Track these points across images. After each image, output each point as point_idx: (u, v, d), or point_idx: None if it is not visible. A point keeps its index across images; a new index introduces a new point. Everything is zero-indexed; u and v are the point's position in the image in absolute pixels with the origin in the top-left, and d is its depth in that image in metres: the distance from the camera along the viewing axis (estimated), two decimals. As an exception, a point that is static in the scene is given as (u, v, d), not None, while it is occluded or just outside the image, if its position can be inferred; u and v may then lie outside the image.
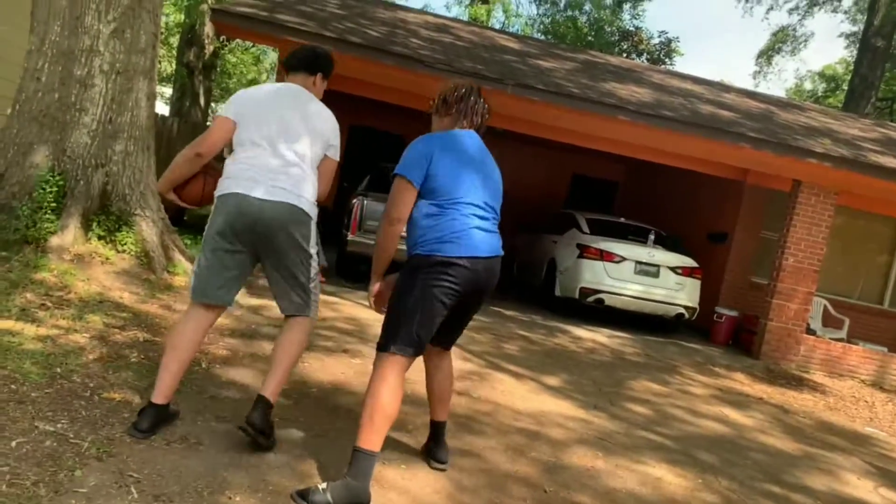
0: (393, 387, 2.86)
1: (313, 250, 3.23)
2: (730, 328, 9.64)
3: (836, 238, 10.12)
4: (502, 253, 3.12)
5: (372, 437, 2.83)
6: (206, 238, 3.16)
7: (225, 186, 3.13)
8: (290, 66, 3.37)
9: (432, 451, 3.45)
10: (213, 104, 21.60)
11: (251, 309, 5.99)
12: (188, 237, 7.15)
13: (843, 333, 10.05)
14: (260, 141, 3.12)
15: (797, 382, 7.92)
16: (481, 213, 3.02)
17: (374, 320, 6.46)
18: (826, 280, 10.07)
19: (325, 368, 4.69)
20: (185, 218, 11.08)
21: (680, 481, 3.96)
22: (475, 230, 2.96)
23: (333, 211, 11.67)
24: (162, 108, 19.79)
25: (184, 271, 5.85)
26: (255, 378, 4.18)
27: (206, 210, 3.33)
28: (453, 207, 2.95)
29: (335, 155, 3.33)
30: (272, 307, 6.23)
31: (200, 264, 3.21)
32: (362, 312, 6.71)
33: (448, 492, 3.20)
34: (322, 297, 7.05)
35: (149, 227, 5.76)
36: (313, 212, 3.21)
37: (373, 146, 13.04)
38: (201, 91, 16.25)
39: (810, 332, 9.45)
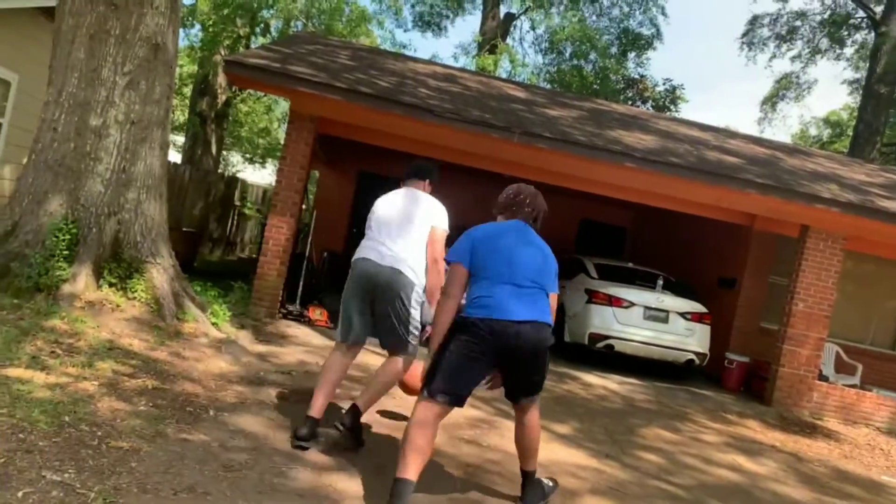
0: (421, 425, 3.35)
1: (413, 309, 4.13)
2: (741, 374, 9.53)
3: (845, 283, 10.07)
4: (532, 318, 3.44)
5: (404, 467, 3.25)
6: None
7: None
8: (406, 175, 4.68)
9: (522, 495, 3.80)
10: (224, 152, 21.93)
11: (259, 356, 5.99)
12: (198, 284, 7.19)
13: (856, 380, 9.92)
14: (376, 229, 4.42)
15: (811, 430, 7.79)
16: (517, 282, 3.48)
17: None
18: (837, 325, 9.97)
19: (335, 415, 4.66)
20: (195, 265, 11.16)
21: (694, 532, 3.88)
22: (499, 297, 3.44)
23: (343, 256, 11.73)
24: (174, 156, 20.09)
25: (193, 318, 5.87)
26: (263, 426, 4.16)
27: (215, 256, 3.44)
28: (487, 281, 3.50)
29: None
30: (280, 353, 6.24)
31: (341, 316, 4.30)
32: (369, 359, 6.68)
33: (457, 543, 3.15)
34: (331, 343, 7.04)
35: (160, 274, 5.80)
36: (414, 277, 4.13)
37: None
38: (213, 139, 16.51)
39: (823, 378, 9.33)
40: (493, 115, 8.38)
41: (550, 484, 3.91)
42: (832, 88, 57.44)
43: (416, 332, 4.14)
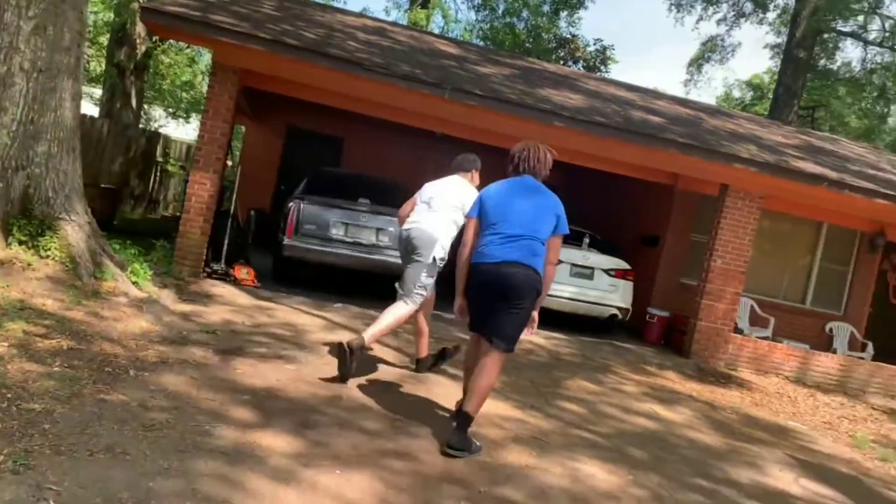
0: (468, 351, 4.42)
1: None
2: (661, 328, 9.90)
3: (761, 241, 10.51)
4: (513, 259, 3.93)
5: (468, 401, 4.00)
6: None
7: None
8: (452, 168, 5.51)
9: (449, 436, 3.92)
10: (145, 105, 21.02)
11: (182, 315, 5.85)
12: (117, 242, 6.94)
13: (768, 332, 10.44)
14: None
15: (725, 380, 8.19)
16: (511, 232, 3.99)
17: (311, 326, 6.40)
18: (752, 281, 10.43)
19: (259, 374, 4.62)
20: (114, 223, 10.76)
21: (612, 478, 4.05)
22: (491, 245, 4.00)
23: (270, 214, 11.51)
24: (91, 109, 19.12)
25: (112, 277, 5.67)
26: (186, 385, 4.08)
27: (136, 214, 3.30)
28: (490, 231, 4.07)
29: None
30: (204, 313, 6.12)
31: None
32: (298, 318, 6.63)
33: (382, 495, 3.20)
34: (259, 303, 6.95)
35: (75, 232, 5.57)
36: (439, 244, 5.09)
37: (312, 149, 12.91)
38: (133, 92, 15.77)
39: (738, 331, 9.78)
40: (423, 70, 8.29)
41: (478, 445, 3.99)
42: (755, 52, 59.07)
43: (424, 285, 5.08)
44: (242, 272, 7.90)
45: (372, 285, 9.14)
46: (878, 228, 10.65)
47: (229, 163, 11.92)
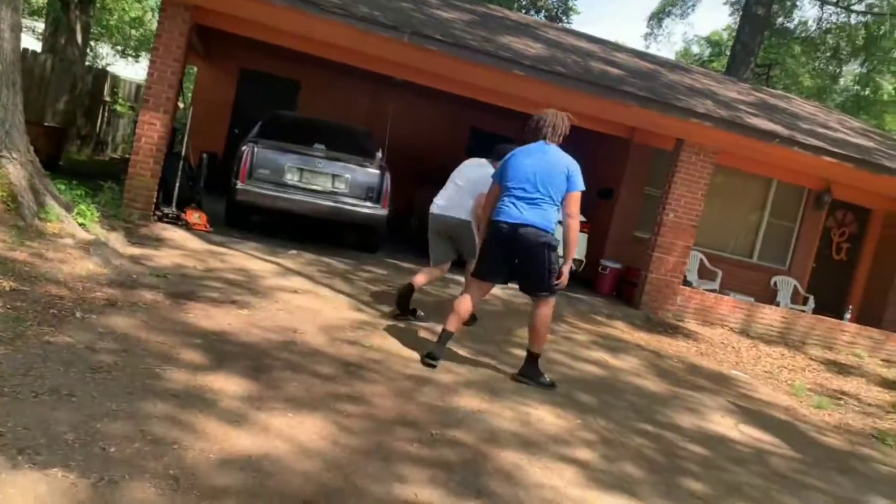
0: (467, 295, 4.82)
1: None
2: (613, 280, 10.08)
3: (713, 196, 10.69)
4: (524, 221, 4.47)
5: (448, 322, 4.72)
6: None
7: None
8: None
9: (521, 369, 4.81)
10: (91, 42, 20.15)
11: (132, 259, 5.73)
12: (63, 182, 6.71)
13: (716, 285, 10.73)
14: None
15: (673, 330, 8.41)
16: (521, 194, 4.52)
17: (264, 272, 6.33)
18: (703, 235, 10.65)
19: (211, 318, 4.57)
20: (60, 163, 10.41)
21: (561, 422, 4.15)
22: (506, 206, 4.54)
23: (224, 158, 11.26)
24: (33, 44, 18.25)
25: (56, 217, 5.50)
26: (135, 327, 4.02)
27: (83, 155, 3.19)
28: (505, 192, 4.60)
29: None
30: (155, 256, 6.00)
31: None
32: (251, 263, 6.56)
33: (335, 437, 3.22)
34: (211, 247, 6.85)
35: (16, 170, 5.36)
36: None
37: (267, 92, 12.58)
38: (78, 27, 15.06)
39: (687, 283, 10.02)
40: (382, 13, 8.09)
41: (547, 379, 4.73)
42: (716, 8, 59.14)
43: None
44: (194, 216, 7.74)
45: (327, 232, 9.07)
46: (824, 186, 10.93)
47: (181, 104, 11.57)
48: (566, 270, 4.61)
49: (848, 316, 10.79)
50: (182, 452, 2.74)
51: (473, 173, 5.78)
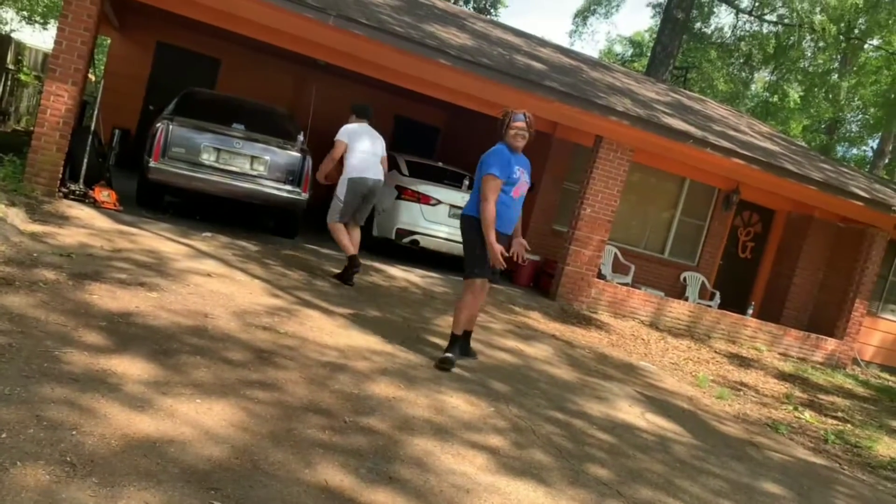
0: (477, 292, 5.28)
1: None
2: (531, 271, 10.26)
3: (629, 193, 11.02)
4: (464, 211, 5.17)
5: (456, 325, 5.17)
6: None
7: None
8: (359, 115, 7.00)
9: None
10: (14, 12, 18.90)
11: (33, 236, 5.44)
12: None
13: (628, 279, 11.08)
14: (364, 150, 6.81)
15: (586, 322, 8.64)
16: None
17: (176, 254, 6.13)
18: (618, 230, 10.98)
19: (117, 300, 4.39)
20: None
21: (474, 409, 4.21)
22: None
23: (136, 135, 10.81)
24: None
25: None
26: (34, 308, 3.82)
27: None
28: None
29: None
30: (58, 234, 5.72)
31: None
32: (163, 245, 6.33)
33: (244, 424, 3.16)
34: (120, 227, 6.58)
35: None
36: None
37: (185, 68, 12.14)
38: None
39: (601, 276, 10.31)
40: (307, -6, 7.92)
41: (448, 357, 4.95)
42: (638, 10, 60.84)
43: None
44: (103, 194, 7.41)
45: (244, 215, 8.85)
46: (733, 187, 11.45)
47: (92, 77, 11.01)
48: (490, 250, 4.82)
49: (751, 311, 11.37)
50: (81, 438, 2.63)
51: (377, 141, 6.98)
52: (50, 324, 3.68)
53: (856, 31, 22.07)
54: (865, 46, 23.18)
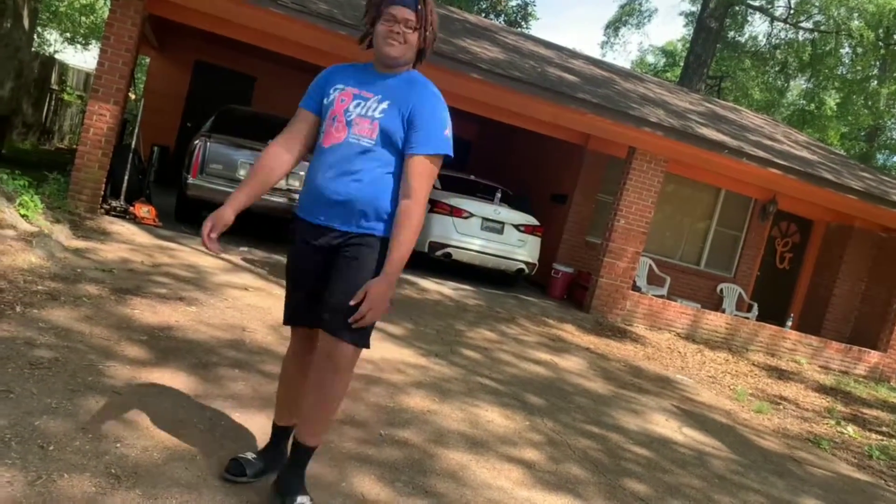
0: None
1: None
2: (565, 284, 10.22)
3: (664, 203, 10.94)
4: None
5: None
6: None
7: None
8: None
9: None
10: (39, 28, 19.52)
11: (76, 252, 5.59)
12: (5, 172, 6.50)
13: (664, 291, 10.96)
14: None
15: (621, 334, 8.57)
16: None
17: (214, 268, 6.24)
18: (652, 242, 10.89)
19: (157, 314, 4.49)
20: (2, 151, 10.09)
21: (509, 423, 4.20)
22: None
23: (175, 152, 11.06)
24: (-23, 28, 17.57)
25: (-3, 208, 5.33)
26: (78, 322, 3.92)
27: (28, 144, 3.08)
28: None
29: None
30: (100, 250, 5.86)
31: None
32: (200, 260, 6.45)
33: (282, 436, 3.19)
34: (159, 242, 6.72)
35: (-45, 158, 5.17)
36: None
37: (221, 86, 12.39)
38: (25, 12, 14.59)
39: (636, 288, 10.22)
40: (341, 10, 8.05)
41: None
42: (671, 19, 60.45)
43: None
44: (143, 210, 7.58)
45: (279, 230, 8.98)
46: (770, 197, 11.28)
47: (132, 95, 11.31)
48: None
49: (789, 323, 11.16)
50: (125, 450, 2.69)
51: None
52: (94, 337, 3.78)
53: (895, 36, 21.64)
54: (905, 52, 22.71)
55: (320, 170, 2.53)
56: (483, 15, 22.38)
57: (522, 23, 23.79)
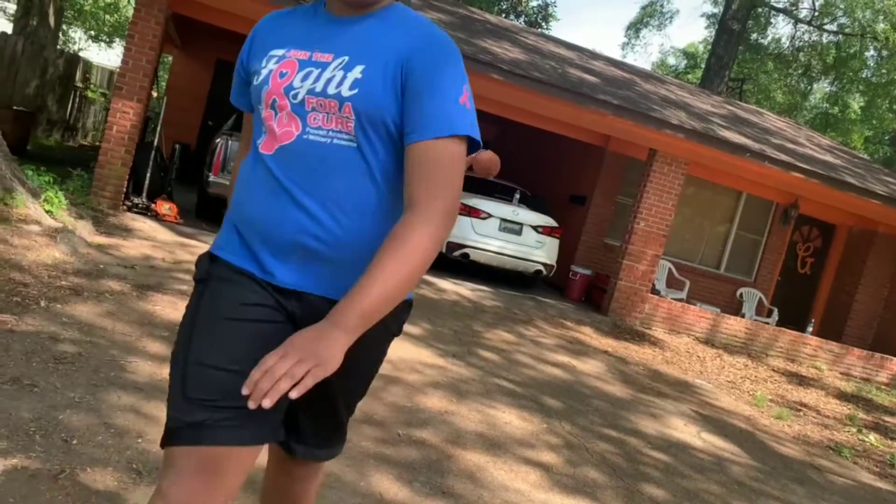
0: None
1: None
2: (583, 286, 10.18)
3: (684, 206, 10.86)
4: None
5: None
6: None
7: None
8: None
9: None
10: (64, 26, 19.79)
11: (99, 248, 5.65)
12: (30, 168, 6.59)
13: (683, 294, 10.88)
14: None
15: (639, 337, 8.52)
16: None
17: (235, 265, 6.27)
18: (672, 245, 10.82)
19: (179, 310, 4.52)
20: (28, 147, 10.22)
21: (526, 425, 4.19)
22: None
23: (196, 150, 11.14)
24: (5, 26, 17.89)
25: (23, 203, 5.40)
26: (101, 317, 3.97)
27: (52, 141, 3.14)
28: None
29: None
30: (123, 246, 5.92)
31: None
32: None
33: (300, 434, 3.21)
34: (180, 239, 6.78)
35: (-18, 154, 5.25)
36: None
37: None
38: (51, 10, 14.80)
39: (655, 291, 10.15)
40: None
41: None
42: (693, 20, 60.05)
43: None
44: (164, 207, 7.65)
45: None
46: (791, 201, 11.16)
47: (155, 93, 11.41)
48: None
49: (810, 329, 11.03)
50: (146, 445, 2.71)
51: None
52: (116, 333, 3.82)
53: (921, 39, 21.34)
54: (932, 55, 22.39)
55: (263, 192, 1.47)
56: (504, 16, 22.35)
57: (543, 23, 23.72)
